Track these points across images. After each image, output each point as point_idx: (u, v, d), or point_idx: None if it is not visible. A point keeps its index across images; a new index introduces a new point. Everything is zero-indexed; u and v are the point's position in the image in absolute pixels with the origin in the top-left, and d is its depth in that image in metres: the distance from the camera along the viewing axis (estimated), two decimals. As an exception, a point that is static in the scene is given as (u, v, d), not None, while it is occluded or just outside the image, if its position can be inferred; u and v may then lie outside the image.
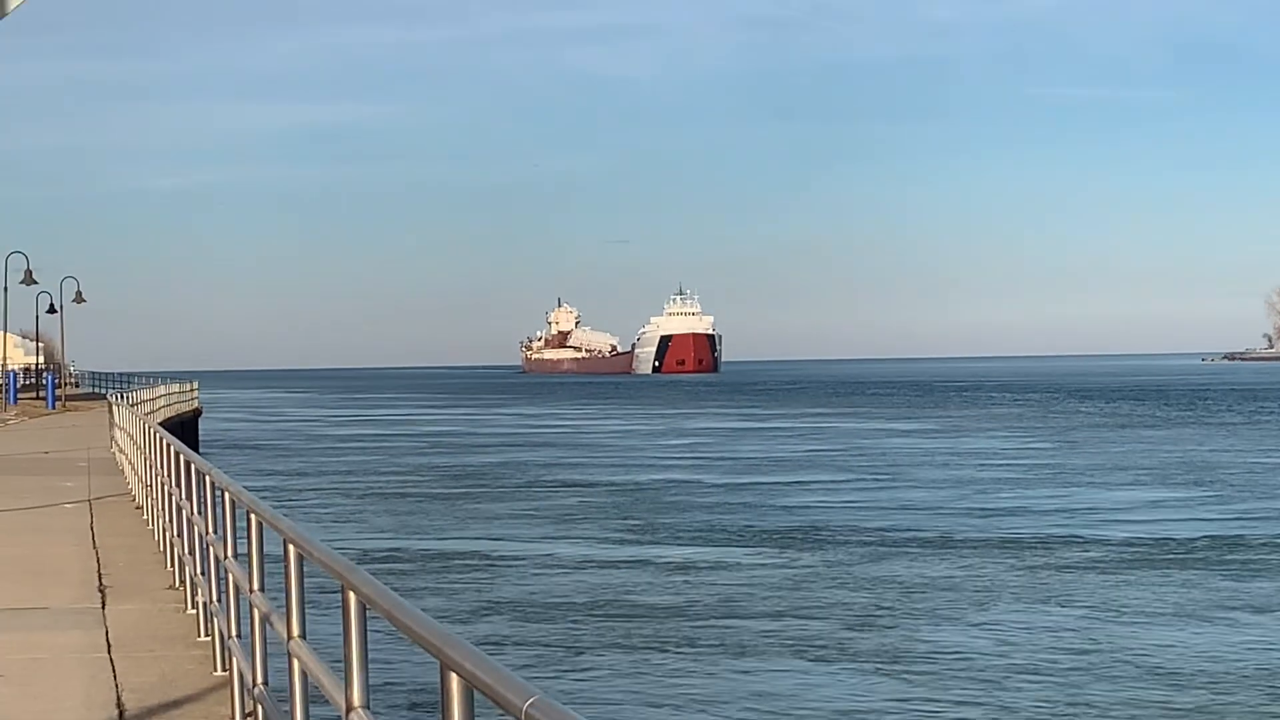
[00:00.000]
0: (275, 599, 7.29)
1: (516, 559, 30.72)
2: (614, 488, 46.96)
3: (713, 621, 23.23)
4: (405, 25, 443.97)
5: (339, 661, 5.24)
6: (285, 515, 6.84)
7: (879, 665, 19.98)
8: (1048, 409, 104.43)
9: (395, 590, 4.65)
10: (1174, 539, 32.59)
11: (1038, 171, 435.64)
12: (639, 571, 28.79)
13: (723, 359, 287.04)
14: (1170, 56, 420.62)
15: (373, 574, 4.96)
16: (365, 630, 5.08)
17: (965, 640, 21.73)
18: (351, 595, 5.00)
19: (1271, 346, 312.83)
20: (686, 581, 27.49)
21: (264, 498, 7.75)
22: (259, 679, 7.61)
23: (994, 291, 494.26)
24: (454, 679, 3.75)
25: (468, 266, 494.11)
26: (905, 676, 19.35)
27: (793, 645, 21.41)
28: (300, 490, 47.88)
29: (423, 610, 4.26)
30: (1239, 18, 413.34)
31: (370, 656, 5.14)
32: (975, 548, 31.86)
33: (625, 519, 38.17)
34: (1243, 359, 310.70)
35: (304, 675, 6.19)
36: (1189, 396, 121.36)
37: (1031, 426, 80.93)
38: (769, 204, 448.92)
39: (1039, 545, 32.03)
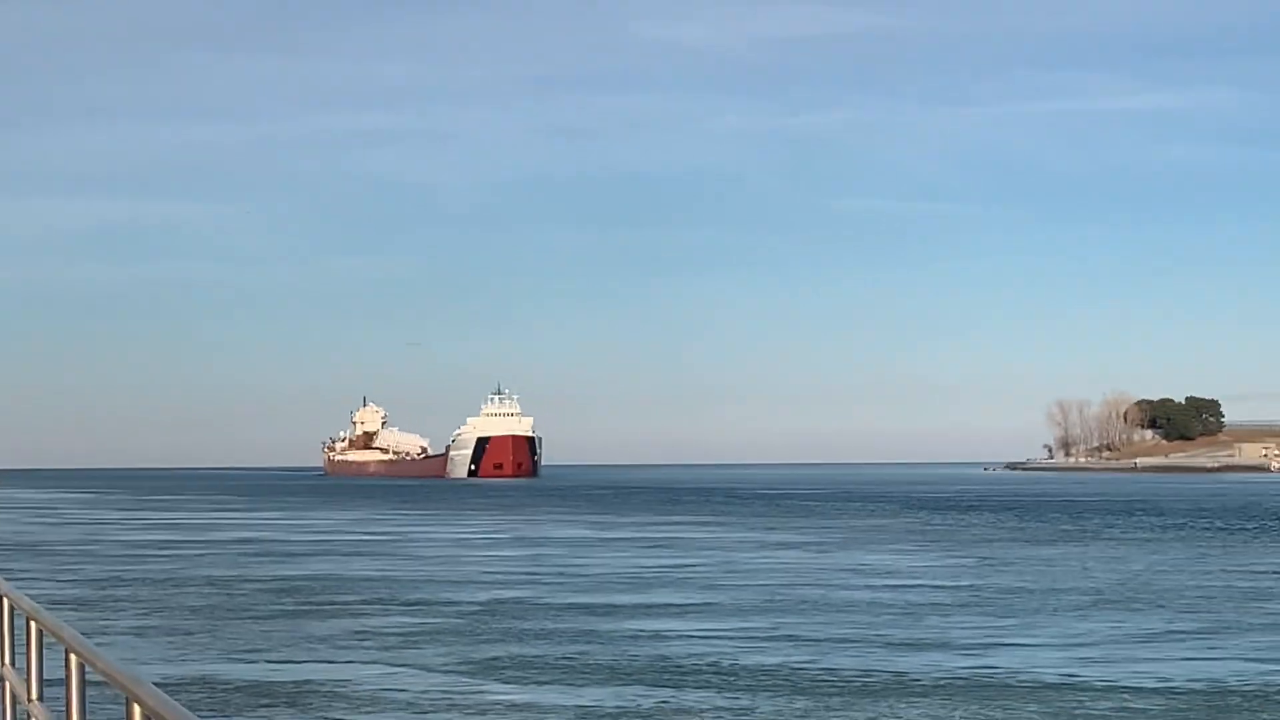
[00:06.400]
0: (55, 711, 7.40)
1: (349, 691, 27.73)
2: (455, 607, 43.39)
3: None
4: (194, 123, 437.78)
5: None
6: (68, 625, 7.05)
7: None
8: (910, 519, 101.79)
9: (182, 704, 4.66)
10: (1185, 683, 28.83)
11: (829, 284, 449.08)
12: (494, 717, 25.44)
13: (542, 462, 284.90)
14: (965, 172, 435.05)
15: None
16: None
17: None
18: (136, 708, 5.22)
19: (1051, 456, 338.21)
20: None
21: (50, 609, 7.82)
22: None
23: (788, 401, 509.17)
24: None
25: (263, 365, 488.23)
26: None
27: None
28: (93, 602, 44.76)
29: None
30: (1033, 139, 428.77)
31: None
32: (935, 691, 27.91)
33: (474, 645, 34.71)
34: (1023, 468, 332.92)
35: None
36: (1042, 508, 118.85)
37: (915, 540, 78.03)
38: (576, 308, 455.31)
39: (1021, 689, 27.93)
